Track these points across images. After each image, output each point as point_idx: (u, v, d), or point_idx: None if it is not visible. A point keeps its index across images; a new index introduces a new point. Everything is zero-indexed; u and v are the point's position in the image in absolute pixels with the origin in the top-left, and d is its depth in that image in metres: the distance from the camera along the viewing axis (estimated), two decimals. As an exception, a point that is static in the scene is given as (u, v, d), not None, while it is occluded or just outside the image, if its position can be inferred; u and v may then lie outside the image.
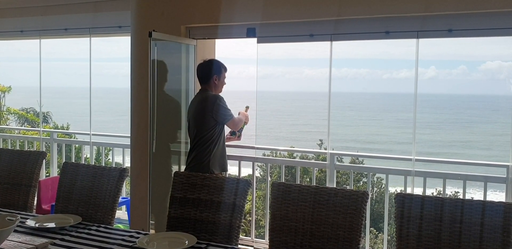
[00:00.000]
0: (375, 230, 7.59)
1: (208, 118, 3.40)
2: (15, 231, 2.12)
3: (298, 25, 3.53)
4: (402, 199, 1.97)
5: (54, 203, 4.22)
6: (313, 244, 2.05)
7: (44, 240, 2.03)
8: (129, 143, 4.01)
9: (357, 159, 9.66)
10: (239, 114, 3.64)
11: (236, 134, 3.68)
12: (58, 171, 5.08)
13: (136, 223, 3.72)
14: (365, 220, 3.17)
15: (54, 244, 2.06)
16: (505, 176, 3.05)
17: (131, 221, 3.89)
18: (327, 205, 2.05)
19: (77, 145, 5.17)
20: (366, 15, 3.31)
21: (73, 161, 4.83)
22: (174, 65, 3.88)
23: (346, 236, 1.98)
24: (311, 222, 2.05)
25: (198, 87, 3.90)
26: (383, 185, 9.03)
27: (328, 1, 3.38)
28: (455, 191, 9.41)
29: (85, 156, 5.35)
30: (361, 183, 9.07)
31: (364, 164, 8.87)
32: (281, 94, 51.05)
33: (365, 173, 7.78)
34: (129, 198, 4.10)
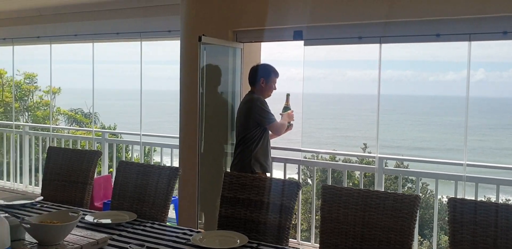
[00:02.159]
0: (420, 237, 7.41)
1: (250, 119, 3.48)
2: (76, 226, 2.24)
3: (347, 28, 3.53)
4: (455, 203, 1.94)
5: (105, 201, 4.40)
6: (364, 247, 2.05)
7: (104, 235, 2.13)
8: (177, 144, 4.13)
9: (402, 164, 9.46)
10: (281, 116, 3.66)
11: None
12: (109, 170, 5.28)
13: (184, 221, 3.81)
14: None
15: (113, 239, 2.16)
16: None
17: (179, 220, 4.00)
18: (378, 209, 2.05)
19: (124, 145, 5.34)
20: (416, 18, 3.27)
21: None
22: (222, 68, 3.96)
23: (398, 239, 1.97)
24: (362, 225, 2.06)
25: (245, 89, 3.98)
26: (429, 191, 8.79)
27: (377, 3, 3.36)
28: (505, 199, 9.05)
29: (134, 155, 5.53)
30: (406, 189, 8.88)
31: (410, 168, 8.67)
32: (323, 97, 50.53)
33: (411, 178, 7.60)
34: (177, 197, 4.22)
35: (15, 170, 5.83)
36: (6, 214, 2.16)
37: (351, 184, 8.55)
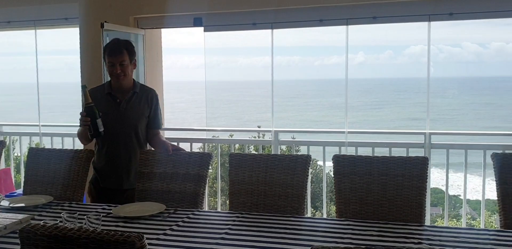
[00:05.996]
0: (312, 209, 8.06)
1: None
2: None
3: (242, 15, 3.86)
4: (337, 159, 2.36)
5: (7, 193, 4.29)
6: (267, 202, 2.41)
7: (26, 215, 2.22)
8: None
9: (294, 138, 10.16)
10: None
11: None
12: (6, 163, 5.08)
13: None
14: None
15: (33, 219, 2.24)
16: (423, 141, 3.62)
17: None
18: (277, 169, 2.41)
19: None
20: (302, 5, 3.70)
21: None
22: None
23: (294, 193, 2.36)
24: (264, 184, 2.41)
25: (147, 75, 4.13)
26: (318, 167, 9.44)
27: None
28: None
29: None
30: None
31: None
32: (219, 84, 51.20)
33: (303, 148, 8.17)
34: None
35: None
36: None
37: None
